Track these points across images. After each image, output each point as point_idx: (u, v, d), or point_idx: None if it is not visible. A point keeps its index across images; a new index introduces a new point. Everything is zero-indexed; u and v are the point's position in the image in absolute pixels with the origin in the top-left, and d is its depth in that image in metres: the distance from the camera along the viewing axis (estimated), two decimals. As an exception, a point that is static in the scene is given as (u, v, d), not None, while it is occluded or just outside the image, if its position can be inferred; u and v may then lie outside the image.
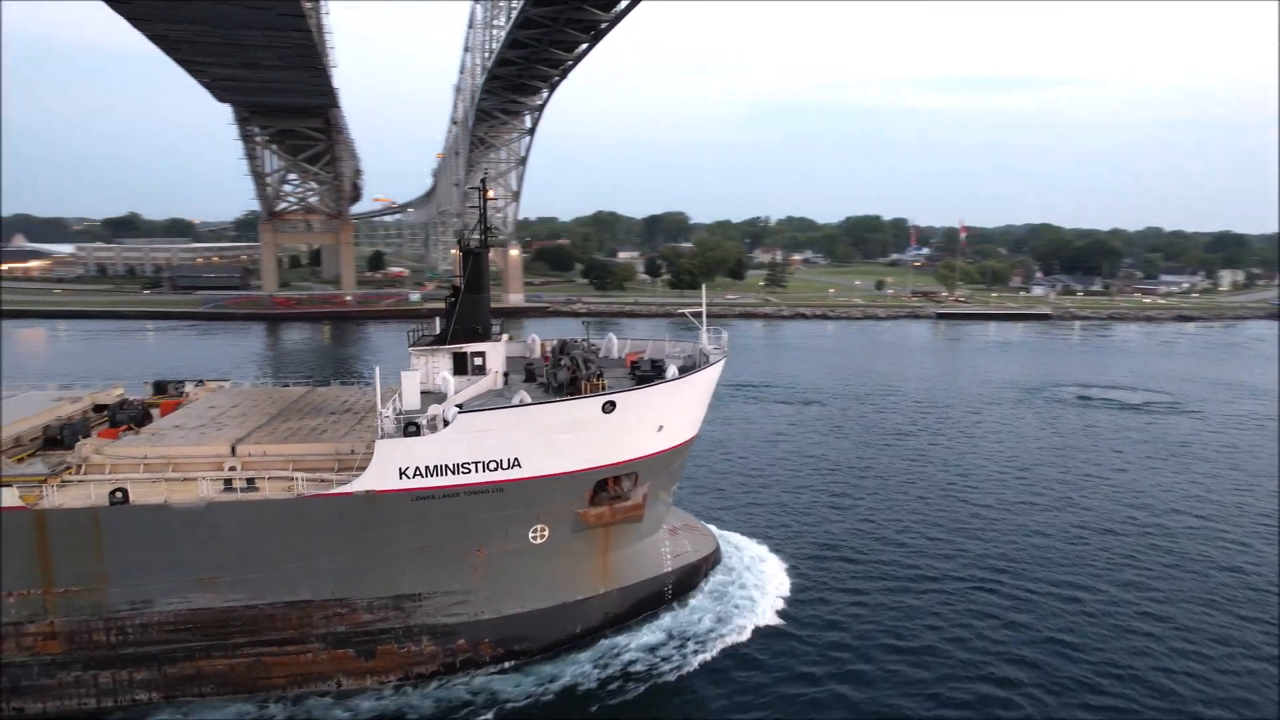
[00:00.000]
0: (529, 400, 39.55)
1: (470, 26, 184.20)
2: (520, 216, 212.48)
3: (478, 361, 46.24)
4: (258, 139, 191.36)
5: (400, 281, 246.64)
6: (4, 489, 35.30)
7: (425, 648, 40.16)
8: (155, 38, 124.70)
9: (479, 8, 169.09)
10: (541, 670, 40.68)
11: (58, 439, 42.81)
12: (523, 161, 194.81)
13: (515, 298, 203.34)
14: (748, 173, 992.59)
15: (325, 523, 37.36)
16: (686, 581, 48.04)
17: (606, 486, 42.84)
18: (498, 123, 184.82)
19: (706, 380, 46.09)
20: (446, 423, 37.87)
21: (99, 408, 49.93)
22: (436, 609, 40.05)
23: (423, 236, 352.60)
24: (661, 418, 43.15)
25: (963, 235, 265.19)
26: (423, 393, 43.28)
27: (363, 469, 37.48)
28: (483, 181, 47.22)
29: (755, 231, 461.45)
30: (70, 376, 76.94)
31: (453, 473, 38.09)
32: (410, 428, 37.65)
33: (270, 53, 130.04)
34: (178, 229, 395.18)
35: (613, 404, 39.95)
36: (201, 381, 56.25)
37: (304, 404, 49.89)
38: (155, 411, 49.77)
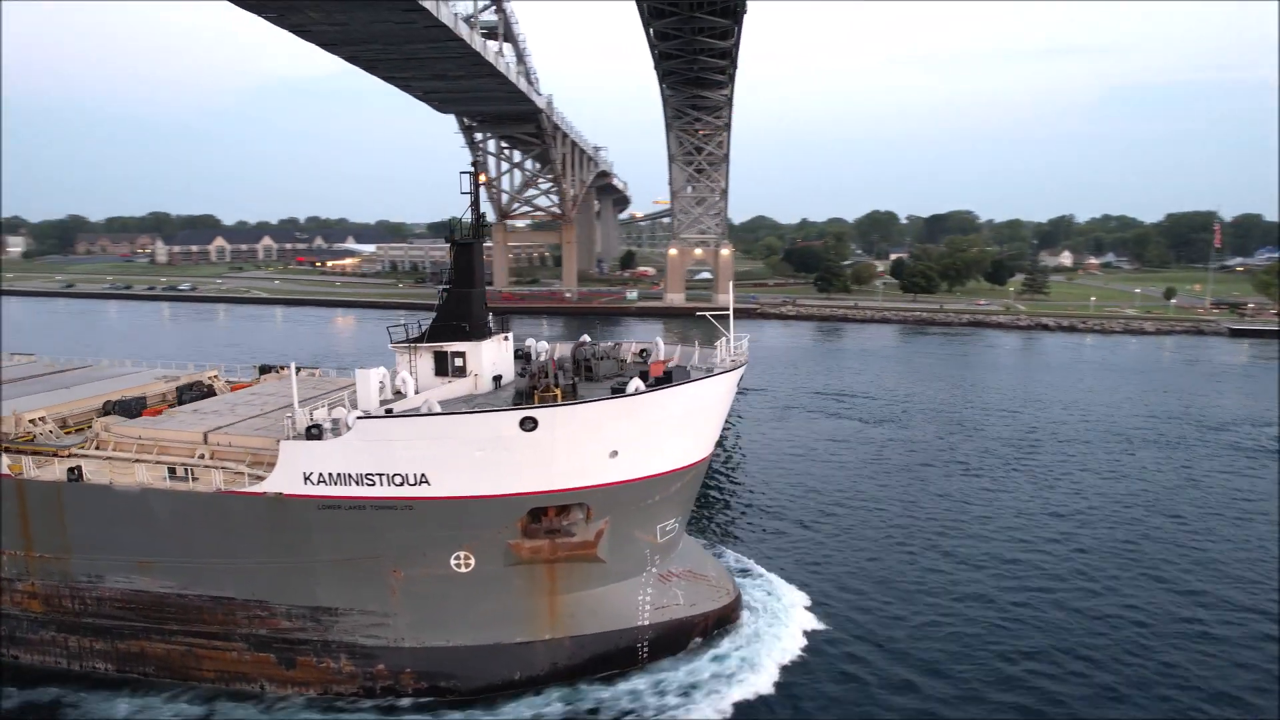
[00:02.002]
0: (438, 409, 34.99)
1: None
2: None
3: (458, 363, 42.62)
4: (489, 147, 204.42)
5: (641, 280, 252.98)
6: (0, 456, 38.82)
7: (344, 666, 37.46)
8: (351, 59, 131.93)
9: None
10: (456, 714, 35.94)
11: (113, 413, 46.80)
12: (725, 158, 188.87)
13: (724, 298, 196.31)
14: (1077, 165, 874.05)
15: (241, 520, 36.15)
16: (670, 640, 40.07)
17: (545, 515, 36.83)
18: (691, 119, 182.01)
19: (687, 398, 37.65)
20: (349, 427, 34.69)
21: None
22: (354, 627, 37.11)
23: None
24: (614, 441, 36.01)
25: None
26: (396, 393, 40.80)
27: None
28: (474, 164, 43.44)
29: (1050, 231, 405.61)
30: (295, 357, 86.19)
31: (357, 483, 34.80)
32: (313, 430, 35.02)
33: (449, 64, 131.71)
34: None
35: (533, 421, 33.88)
36: (299, 368, 59.07)
37: (336, 396, 49.73)
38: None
